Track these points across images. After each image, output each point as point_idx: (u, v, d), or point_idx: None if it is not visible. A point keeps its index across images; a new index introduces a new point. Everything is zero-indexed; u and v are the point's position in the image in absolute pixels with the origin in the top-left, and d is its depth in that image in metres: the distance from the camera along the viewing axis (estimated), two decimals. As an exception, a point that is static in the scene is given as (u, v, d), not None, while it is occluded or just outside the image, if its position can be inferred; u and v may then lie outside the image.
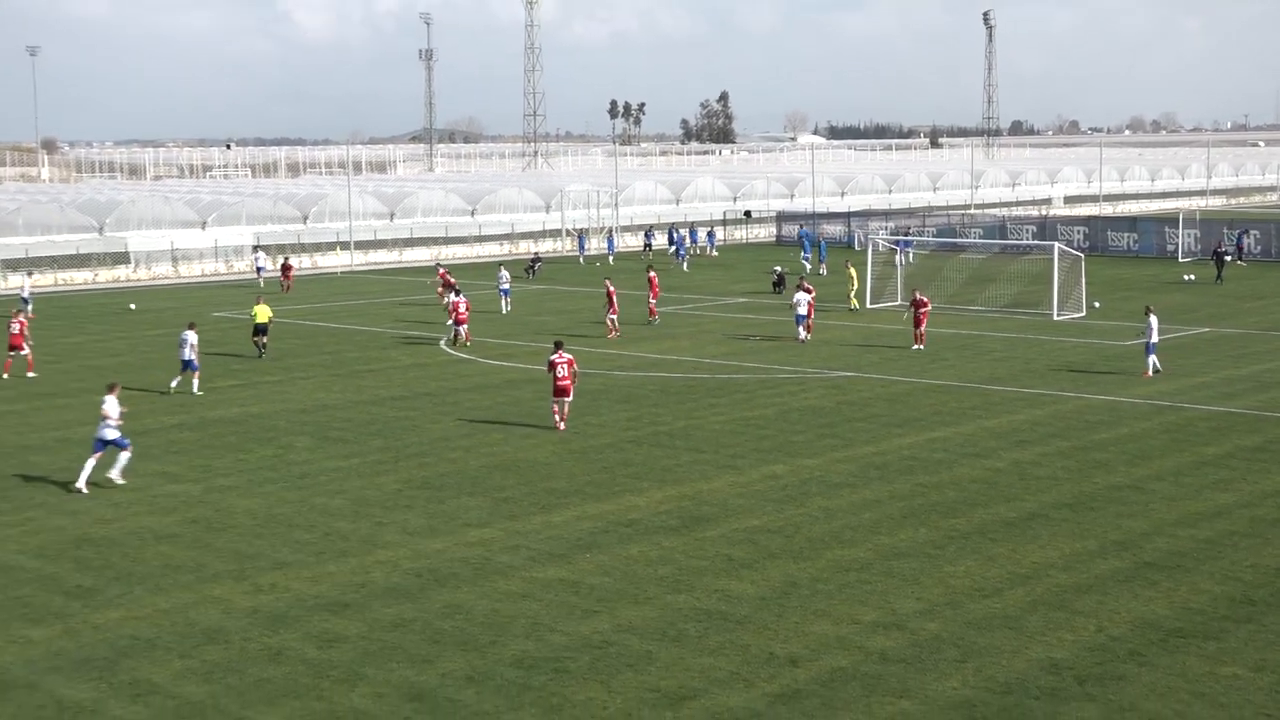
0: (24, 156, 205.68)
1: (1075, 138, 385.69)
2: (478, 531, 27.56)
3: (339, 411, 40.30)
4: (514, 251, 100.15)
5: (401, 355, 51.11)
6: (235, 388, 44.54)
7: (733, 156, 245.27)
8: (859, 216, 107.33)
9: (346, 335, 56.68)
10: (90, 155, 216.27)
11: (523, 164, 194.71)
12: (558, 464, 33.28)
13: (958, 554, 25.71)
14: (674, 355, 50.31)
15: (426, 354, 51.35)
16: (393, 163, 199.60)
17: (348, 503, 29.92)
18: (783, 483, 31.24)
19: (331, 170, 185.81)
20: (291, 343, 53.55)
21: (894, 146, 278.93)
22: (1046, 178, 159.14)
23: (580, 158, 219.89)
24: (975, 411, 39.27)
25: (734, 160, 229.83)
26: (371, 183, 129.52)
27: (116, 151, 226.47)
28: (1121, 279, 76.39)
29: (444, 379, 45.64)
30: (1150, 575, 24.36)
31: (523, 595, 23.61)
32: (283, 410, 40.59)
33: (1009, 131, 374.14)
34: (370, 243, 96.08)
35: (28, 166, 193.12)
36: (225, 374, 47.18)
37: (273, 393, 43.53)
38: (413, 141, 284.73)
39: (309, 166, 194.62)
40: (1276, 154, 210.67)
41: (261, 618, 22.65)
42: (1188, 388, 42.64)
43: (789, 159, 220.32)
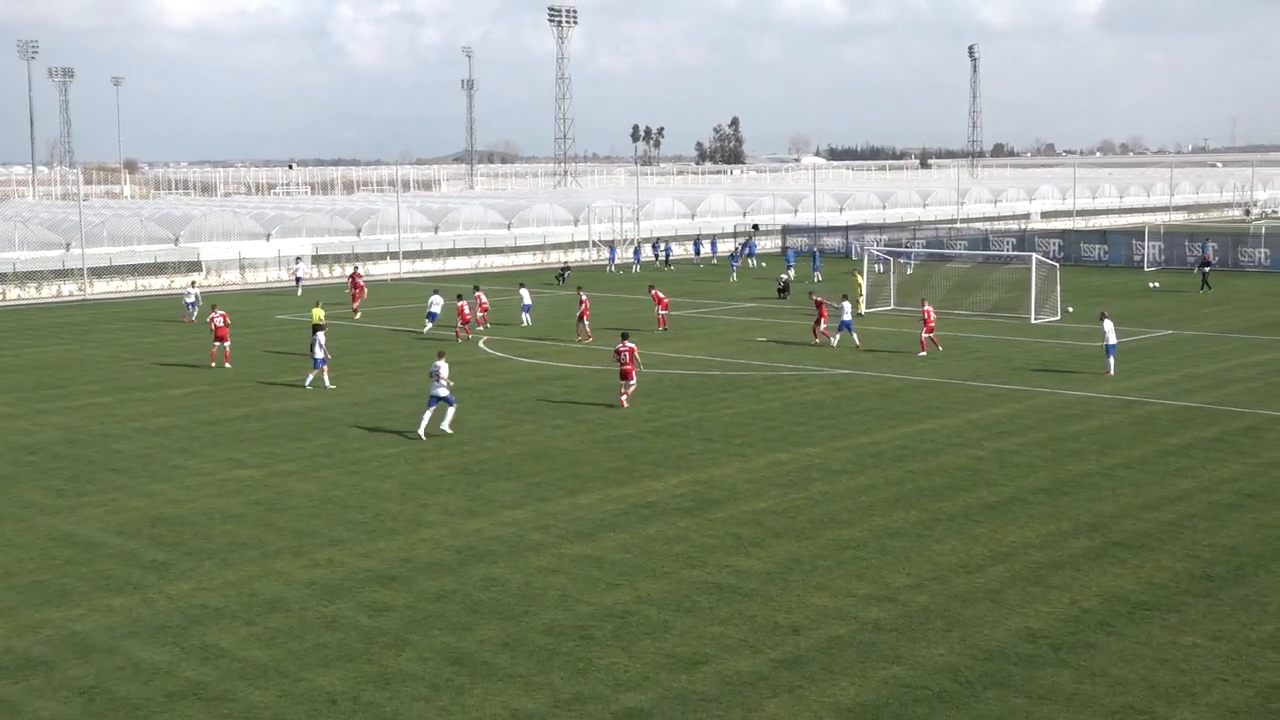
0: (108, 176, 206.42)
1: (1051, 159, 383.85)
2: (512, 512, 27.55)
3: (388, 404, 40.31)
4: (545, 261, 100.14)
5: (444, 354, 51.05)
6: (296, 383, 44.56)
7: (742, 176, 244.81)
8: (856, 230, 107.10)
9: (395, 336, 56.72)
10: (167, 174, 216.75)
11: (554, 182, 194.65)
12: (584, 452, 33.25)
13: (944, 534, 25.62)
14: (689, 354, 50.25)
15: (466, 353, 51.32)
16: (437, 181, 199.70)
17: (395, 486, 29.94)
18: (786, 469, 31.17)
19: (382, 188, 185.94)
20: (346, 342, 53.60)
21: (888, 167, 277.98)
22: (1025, 195, 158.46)
23: (605, 176, 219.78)
24: (960, 406, 39.13)
25: (743, 179, 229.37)
26: (418, 199, 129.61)
27: (191, 171, 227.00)
28: (1093, 286, 76.04)
29: (481, 375, 45.62)
30: (1118, 553, 24.25)
31: (552, 570, 23.60)
32: (337, 403, 40.62)
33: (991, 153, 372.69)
34: (417, 253, 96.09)
35: (111, 185, 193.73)
36: (287, 370, 47.24)
37: (328, 387, 43.53)
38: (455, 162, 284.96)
39: (362, 184, 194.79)
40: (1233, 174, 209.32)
41: (318, 589, 22.66)
42: (1152, 384, 42.43)
43: (793, 178, 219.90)
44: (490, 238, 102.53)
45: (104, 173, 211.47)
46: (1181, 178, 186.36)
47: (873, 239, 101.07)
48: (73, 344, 55.66)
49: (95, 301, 75.72)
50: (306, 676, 18.90)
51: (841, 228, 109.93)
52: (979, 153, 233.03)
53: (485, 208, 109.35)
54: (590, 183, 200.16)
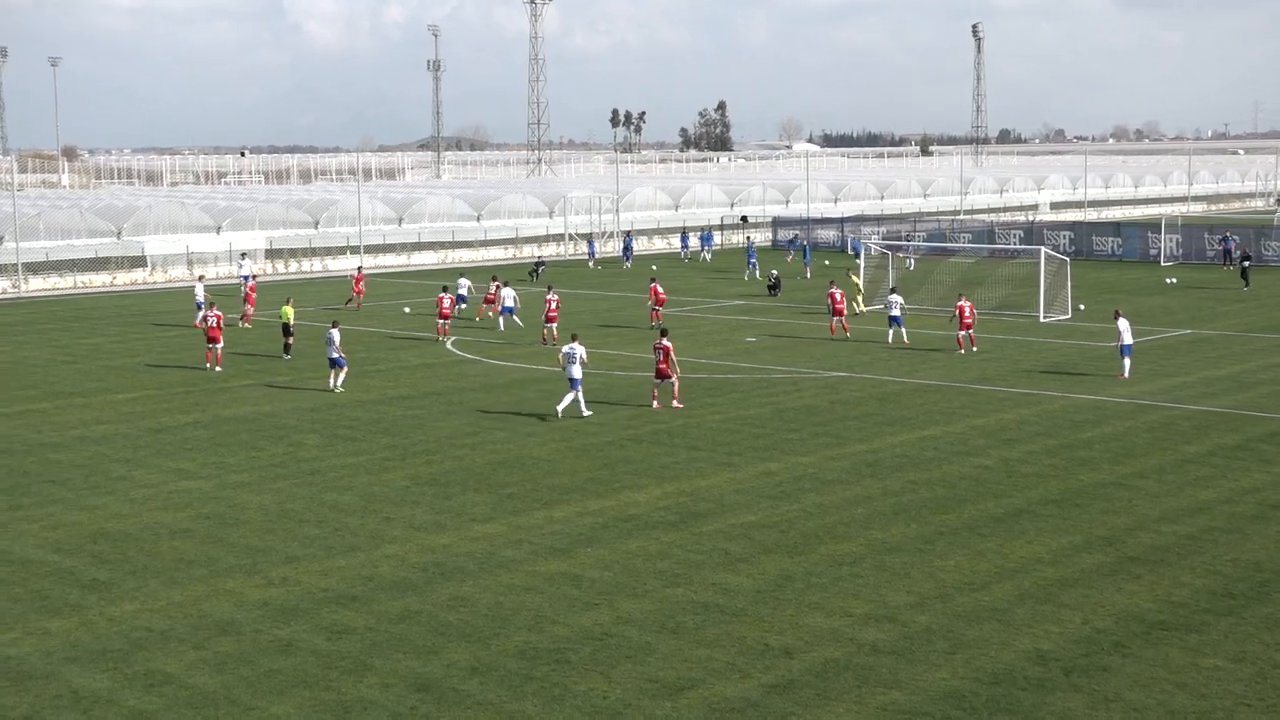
0: (45, 163, 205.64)
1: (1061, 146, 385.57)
2: (482, 526, 27.50)
3: (348, 410, 40.23)
4: (518, 256, 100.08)
5: (409, 356, 51.03)
6: (248, 387, 44.47)
7: (730, 164, 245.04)
8: (852, 222, 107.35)
9: (355, 336, 56.58)
10: (109, 162, 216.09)
11: (527, 171, 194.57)
12: (560, 461, 33.23)
13: (947, 549, 25.65)
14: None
15: (433, 354, 51.26)
16: (401, 169, 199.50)
17: (356, 499, 29.86)
18: (777, 479, 31.18)
19: (342, 177, 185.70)
20: (302, 343, 53.46)
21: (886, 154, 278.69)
22: (1033, 184, 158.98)
23: (583, 165, 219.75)
24: (964, 410, 39.21)
25: (731, 167, 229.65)
26: (381, 189, 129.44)
27: (134, 159, 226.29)
28: (1106, 282, 76.30)
29: (450, 379, 45.56)
30: (1134, 569, 24.31)
31: (525, 588, 23.56)
32: (293, 409, 40.52)
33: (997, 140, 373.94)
34: (379, 247, 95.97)
35: (48, 173, 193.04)
36: (239, 374, 47.12)
37: (283, 392, 43.46)
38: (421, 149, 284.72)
39: (320, 173, 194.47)
40: (1256, 161, 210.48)
41: (272, 610, 22.58)
42: (1169, 388, 42.58)
43: (784, 166, 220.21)
44: (458, 230, 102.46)
45: (40, 160, 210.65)
46: (1200, 166, 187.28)
47: (870, 231, 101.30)
48: (6, 346, 55.43)
49: (31, 300, 75.44)
50: (259, 705, 18.83)
51: (836, 219, 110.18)
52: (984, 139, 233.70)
53: (453, 198, 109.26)
54: (566, 171, 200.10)
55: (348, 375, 43.69)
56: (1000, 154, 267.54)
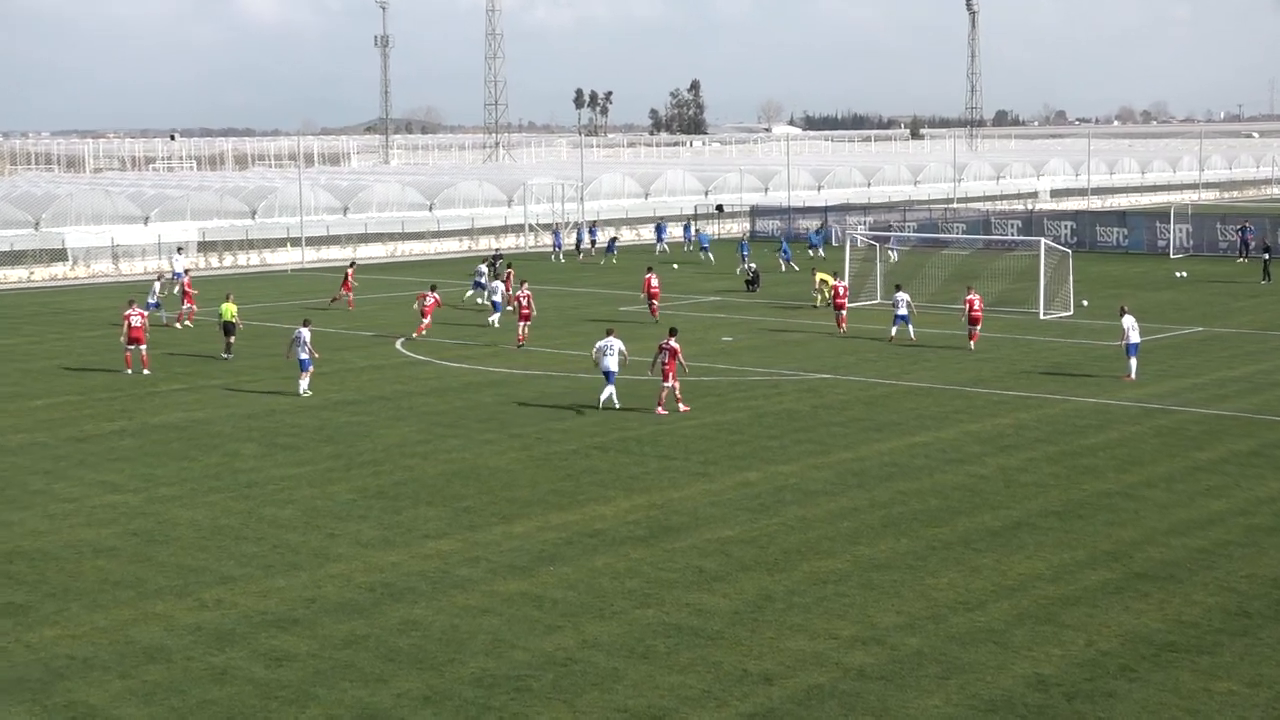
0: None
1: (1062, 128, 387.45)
2: (435, 543, 27.46)
3: (288, 416, 40.11)
4: (474, 248, 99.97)
5: (354, 357, 50.91)
6: (179, 391, 44.30)
7: (704, 148, 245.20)
8: (837, 211, 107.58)
9: (297, 336, 56.41)
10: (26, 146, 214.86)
11: (483, 156, 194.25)
12: (520, 471, 33.20)
13: (940, 565, 25.73)
14: (643, 356, 50.28)
15: (381, 355, 51.17)
16: (346, 155, 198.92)
17: (298, 513, 29.78)
18: (756, 491, 31.23)
19: (281, 163, 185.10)
20: (238, 344, 53.23)
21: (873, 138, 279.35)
22: (1032, 170, 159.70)
23: (544, 149, 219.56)
24: (958, 415, 39.34)
25: (705, 152, 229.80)
26: (324, 176, 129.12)
27: (54, 143, 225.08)
28: (1111, 276, 76.69)
29: (399, 382, 45.48)
30: (1141, 586, 24.42)
31: (482, 610, 23.54)
32: (229, 415, 40.38)
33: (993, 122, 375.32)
34: (322, 239, 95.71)
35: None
36: (169, 377, 46.92)
37: (218, 397, 43.31)
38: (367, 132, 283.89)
39: (257, 159, 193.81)
40: (1272, 145, 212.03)
41: (206, 635, 22.50)
42: (1179, 390, 42.80)
43: (763, 151, 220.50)
44: (409, 221, 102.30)
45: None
46: (1212, 150, 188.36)
47: (856, 220, 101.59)
48: (-87, 347, 55.05)
49: None
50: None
51: (819, 208, 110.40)
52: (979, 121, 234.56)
53: (403, 186, 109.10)
54: (526, 156, 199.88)
55: (305, 378, 43.47)
56: (997, 137, 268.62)
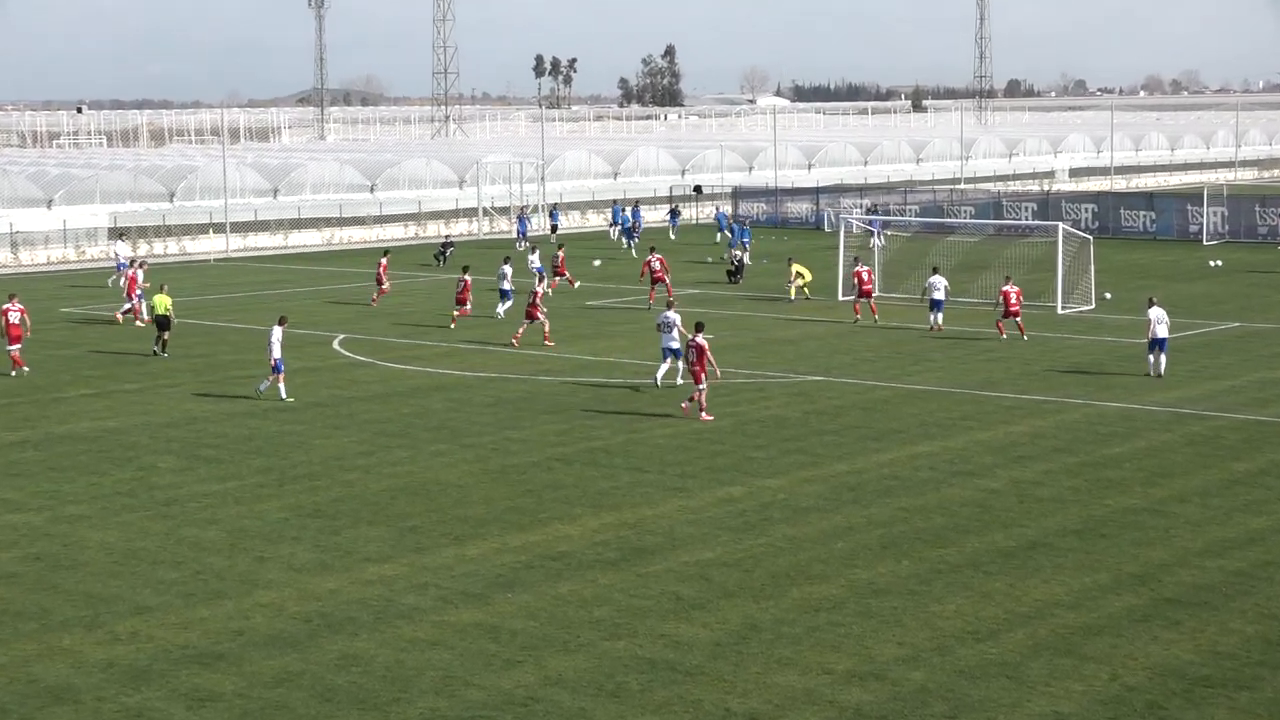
0: None
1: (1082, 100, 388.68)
2: (378, 567, 27.41)
3: (212, 425, 40.00)
4: (421, 235, 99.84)
5: (287, 357, 50.72)
6: (87, 397, 44.14)
7: (680, 122, 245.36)
8: (829, 193, 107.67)
9: (220, 334, 56.27)
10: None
11: (431, 131, 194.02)
12: (473, 486, 33.16)
13: (947, 590, 25.78)
14: (611, 356, 50.29)
15: (317, 355, 51.05)
16: (276, 129, 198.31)
17: (222, 534, 29.68)
18: (740, 507, 31.25)
19: (203, 138, 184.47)
20: (145, 343, 53.06)
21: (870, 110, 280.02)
22: (1049, 147, 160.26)
23: (500, 123, 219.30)
24: (966, 422, 39.43)
25: (682, 126, 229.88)
26: (251, 153, 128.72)
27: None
28: (1137, 265, 76.95)
29: (338, 386, 45.39)
30: (1172, 614, 24.50)
31: (432, 643, 23.50)
32: (144, 424, 40.25)
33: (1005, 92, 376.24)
34: (250, 224, 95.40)
35: None
36: (77, 381, 46.75)
37: (132, 403, 43.16)
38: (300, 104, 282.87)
39: (176, 134, 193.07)
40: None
41: (119, 673, 22.41)
42: (1215, 392, 42.96)
43: (747, 125, 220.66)
44: (348, 204, 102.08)
45: None
46: (1250, 124, 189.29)
47: (851, 204, 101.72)
48: None
49: None
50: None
51: (810, 189, 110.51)
52: (989, 92, 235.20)
53: (341, 164, 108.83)
54: (480, 132, 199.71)
55: (278, 382, 43.22)
56: (1009, 110, 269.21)
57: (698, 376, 40.03)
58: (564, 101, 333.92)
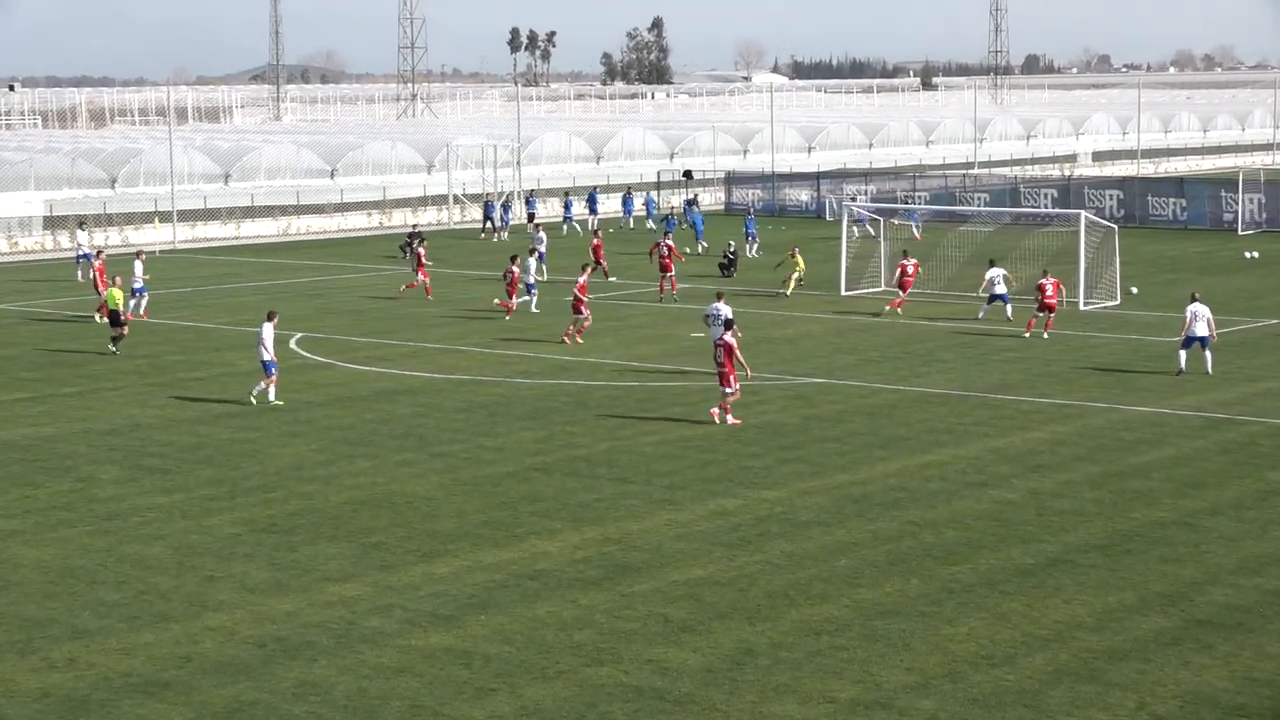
0: None
1: (1107, 77, 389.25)
2: (338, 587, 27.38)
3: (157, 432, 39.94)
4: (385, 224, 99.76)
5: (240, 358, 50.71)
6: (22, 402, 44.06)
7: (669, 101, 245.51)
8: (831, 178, 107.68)
9: (167, 333, 56.17)
10: None
11: (397, 111, 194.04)
12: (443, 499, 33.15)
13: (959, 611, 25.80)
14: (593, 357, 50.26)
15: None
16: (228, 109, 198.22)
17: (168, 551, 29.64)
18: (734, 521, 31.25)
19: (148, 119, 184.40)
20: (95, 341, 53.00)
21: (875, 88, 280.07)
22: (1070, 128, 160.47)
23: (472, 103, 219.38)
24: (980, 428, 39.46)
25: (670, 106, 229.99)
26: (200, 135, 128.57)
27: None
28: (1166, 257, 77.03)
29: (295, 389, 45.32)
30: (1204, 636, 24.54)
31: (398, 670, 23.48)
32: (84, 431, 40.19)
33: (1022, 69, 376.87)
34: (199, 212, 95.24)
35: None
36: (10, 384, 46.66)
37: (71, 408, 43.09)
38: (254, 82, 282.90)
39: (119, 114, 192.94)
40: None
41: (55, 703, 22.37)
42: (1250, 395, 43.03)
43: (741, 105, 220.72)
44: (306, 190, 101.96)
45: None
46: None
47: (855, 190, 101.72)
48: None
49: None
50: (39, 830, 18.65)
51: (810, 175, 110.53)
52: (1005, 69, 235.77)
53: (298, 148, 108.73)
54: (450, 112, 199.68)
55: (269, 386, 43.14)
56: (1026, 88, 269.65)
57: (724, 378, 40.01)
58: (542, 79, 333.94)
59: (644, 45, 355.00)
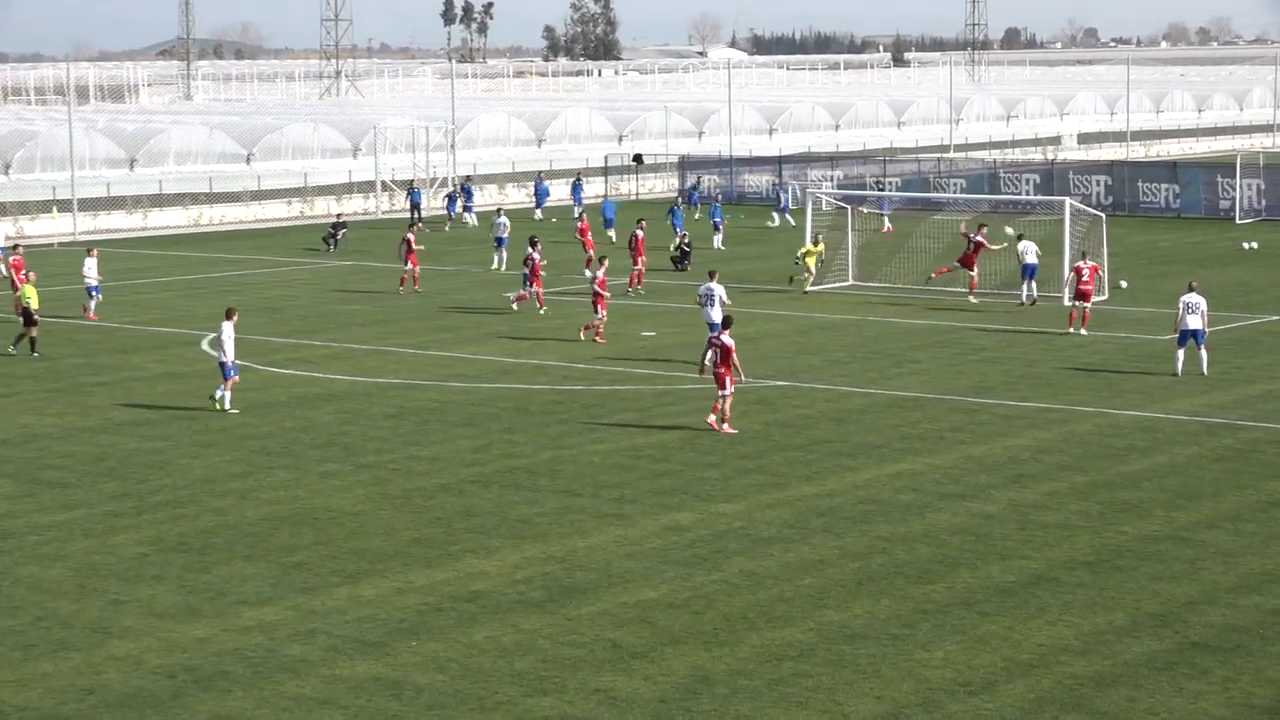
0: None
1: (1093, 52, 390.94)
2: (256, 611, 27.30)
3: (56, 443, 39.76)
4: (307, 213, 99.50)
5: (147, 361, 50.52)
6: (-94, 410, 43.84)
7: (617, 79, 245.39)
8: (794, 162, 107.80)
9: (66, 334, 55.90)
10: None
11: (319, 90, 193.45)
12: (371, 514, 33.08)
13: (933, 635, 25.86)
14: (535, 358, 50.23)
15: (183, 359, 50.77)
16: (133, 88, 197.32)
17: (69, 573, 29.51)
18: (689, 537, 31.26)
19: (44, 98, 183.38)
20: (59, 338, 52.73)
21: (843, 65, 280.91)
22: (1054, 108, 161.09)
23: (402, 81, 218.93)
24: (957, 434, 39.56)
25: (619, 84, 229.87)
26: (103, 116, 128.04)
27: None
28: (1157, 248, 77.35)
29: (207, 395, 45.14)
30: (1200, 660, 24.64)
31: (321, 701, 23.42)
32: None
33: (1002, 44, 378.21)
34: (101, 201, 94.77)
35: None
36: (-109, 390, 46.43)
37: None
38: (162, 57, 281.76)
39: (12, 93, 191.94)
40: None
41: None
42: (1249, 398, 43.22)
43: (696, 83, 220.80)
44: (219, 176, 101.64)
45: None
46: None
47: (820, 175, 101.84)
48: None
49: None
50: None
51: (772, 159, 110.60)
52: (983, 43, 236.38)
53: (211, 130, 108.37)
54: (378, 90, 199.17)
55: (227, 390, 42.95)
56: (1007, 65, 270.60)
57: (720, 380, 39.94)
58: (478, 55, 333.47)
59: (590, 18, 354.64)
